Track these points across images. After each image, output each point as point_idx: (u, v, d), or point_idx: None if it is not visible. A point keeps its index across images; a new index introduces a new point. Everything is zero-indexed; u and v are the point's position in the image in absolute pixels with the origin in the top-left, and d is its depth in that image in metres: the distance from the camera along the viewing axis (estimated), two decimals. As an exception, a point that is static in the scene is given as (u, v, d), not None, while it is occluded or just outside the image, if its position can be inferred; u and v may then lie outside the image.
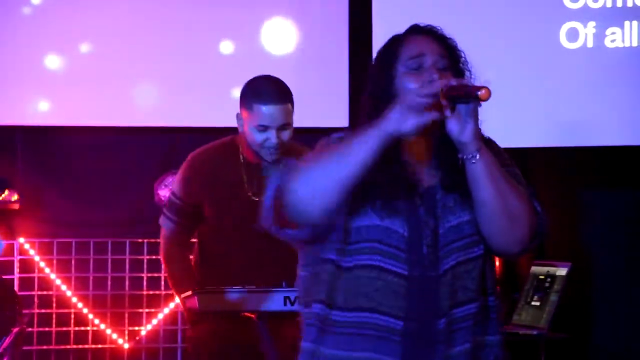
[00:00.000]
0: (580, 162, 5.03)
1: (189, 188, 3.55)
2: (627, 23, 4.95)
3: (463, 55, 2.25)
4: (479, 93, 2.05)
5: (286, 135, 3.40)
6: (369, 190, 2.13)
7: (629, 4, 4.95)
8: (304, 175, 2.08)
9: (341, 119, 4.99)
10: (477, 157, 2.10)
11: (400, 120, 2.04)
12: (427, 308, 2.14)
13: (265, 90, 3.40)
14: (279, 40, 5.05)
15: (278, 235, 2.17)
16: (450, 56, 2.23)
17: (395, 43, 2.26)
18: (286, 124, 3.39)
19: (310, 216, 2.09)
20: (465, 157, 2.12)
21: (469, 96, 2.07)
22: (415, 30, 2.28)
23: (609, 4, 4.95)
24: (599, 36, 4.95)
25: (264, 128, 3.38)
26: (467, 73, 2.24)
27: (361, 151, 2.04)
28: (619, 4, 4.95)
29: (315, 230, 2.14)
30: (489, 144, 2.24)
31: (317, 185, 2.06)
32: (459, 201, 2.18)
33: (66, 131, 5.02)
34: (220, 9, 5.03)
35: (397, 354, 2.13)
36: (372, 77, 2.27)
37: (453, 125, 2.10)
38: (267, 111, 3.38)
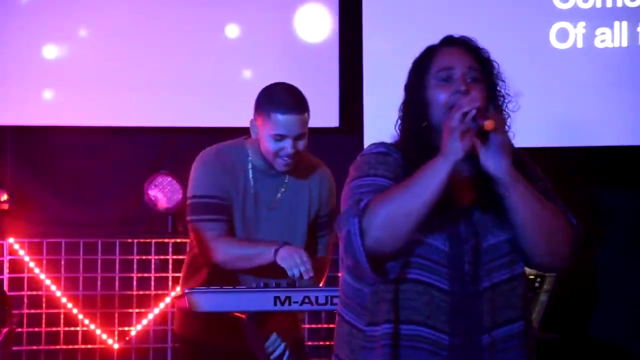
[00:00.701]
0: (569, 162, 5.04)
1: (216, 180, 3.41)
2: (616, 23, 4.96)
3: (496, 66, 2.32)
4: (484, 123, 2.13)
5: (302, 144, 3.35)
6: None
7: (619, 4, 4.96)
8: (381, 219, 2.14)
9: (332, 119, 5.00)
10: (511, 190, 2.17)
11: (461, 146, 2.13)
12: (470, 324, 2.20)
13: (284, 99, 3.33)
14: (268, 41, 5.04)
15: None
16: (481, 68, 2.28)
17: (428, 54, 2.32)
18: (302, 134, 3.34)
19: (390, 253, 2.18)
20: (499, 190, 2.18)
21: (477, 122, 2.14)
22: (448, 41, 2.33)
23: (598, 4, 4.96)
24: (589, 36, 4.96)
25: (280, 137, 3.32)
26: (500, 83, 2.31)
27: (434, 185, 2.13)
28: (609, 4, 4.96)
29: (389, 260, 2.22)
30: (518, 156, 2.30)
31: (395, 226, 2.14)
32: (496, 221, 2.24)
33: (56, 131, 5.01)
34: (208, 14, 5.03)
35: None
36: (407, 87, 2.33)
37: (486, 160, 2.17)
38: (285, 120, 3.31)
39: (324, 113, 4.96)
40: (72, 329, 4.92)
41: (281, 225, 3.42)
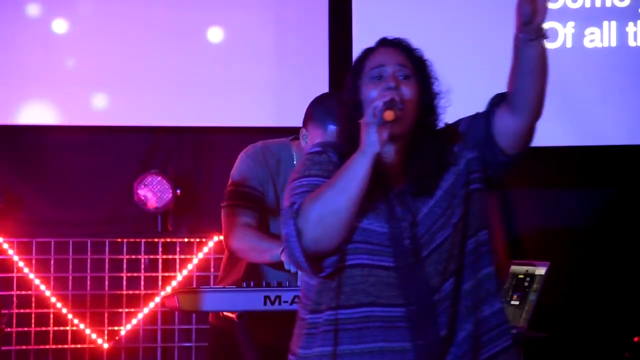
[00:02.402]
0: (557, 161, 5.06)
1: (256, 173, 3.43)
2: (605, 23, 4.97)
3: (429, 64, 2.42)
4: (384, 114, 2.24)
5: None
6: None
7: (608, 4, 4.97)
8: (312, 218, 2.25)
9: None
10: (543, 37, 2.37)
11: (379, 138, 2.23)
12: (420, 290, 2.29)
13: None
14: (259, 40, 5.04)
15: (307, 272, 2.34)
16: (414, 66, 2.39)
17: (364, 55, 2.44)
18: None
19: (328, 249, 2.28)
20: (532, 37, 2.37)
21: (381, 112, 2.24)
22: (383, 42, 2.46)
23: (587, 4, 4.98)
24: (578, 36, 4.98)
25: None
26: (433, 81, 2.41)
27: (356, 180, 2.24)
28: (598, 4, 4.98)
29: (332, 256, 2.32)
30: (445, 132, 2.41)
31: (327, 223, 2.25)
32: (426, 197, 2.35)
33: (45, 130, 5.01)
34: (198, 13, 5.03)
35: (406, 338, 2.29)
36: (345, 87, 2.44)
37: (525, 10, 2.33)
38: None
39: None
40: (62, 328, 4.91)
41: None
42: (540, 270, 4.48)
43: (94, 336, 4.93)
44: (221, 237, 3.71)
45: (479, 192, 2.39)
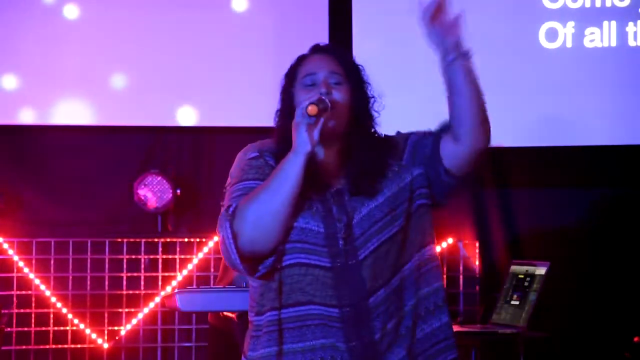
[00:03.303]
0: (557, 161, 5.06)
1: None
2: (605, 23, 4.97)
3: (361, 70, 2.47)
4: (307, 109, 2.29)
5: None
6: None
7: (608, 4, 4.97)
8: (249, 220, 2.28)
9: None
10: (466, 59, 2.38)
11: (309, 138, 2.28)
12: (355, 292, 2.32)
13: None
14: (258, 40, 5.04)
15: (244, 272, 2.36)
16: (346, 72, 2.43)
17: (297, 63, 2.49)
18: None
19: (265, 250, 2.31)
20: (455, 57, 2.37)
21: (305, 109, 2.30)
22: (315, 49, 2.50)
23: (587, 4, 4.98)
24: (578, 36, 4.98)
25: None
26: (365, 86, 2.46)
27: (290, 180, 2.29)
28: (598, 4, 4.98)
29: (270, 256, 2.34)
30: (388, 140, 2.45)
31: (262, 224, 2.28)
32: (365, 197, 2.38)
33: (45, 130, 5.01)
34: (199, 8, 5.04)
35: (340, 339, 2.32)
36: (280, 94, 2.49)
37: (435, 36, 2.37)
38: None
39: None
40: (62, 328, 4.91)
41: None
42: (540, 270, 4.49)
43: (94, 336, 4.93)
44: (221, 237, 3.70)
45: (424, 208, 2.41)
